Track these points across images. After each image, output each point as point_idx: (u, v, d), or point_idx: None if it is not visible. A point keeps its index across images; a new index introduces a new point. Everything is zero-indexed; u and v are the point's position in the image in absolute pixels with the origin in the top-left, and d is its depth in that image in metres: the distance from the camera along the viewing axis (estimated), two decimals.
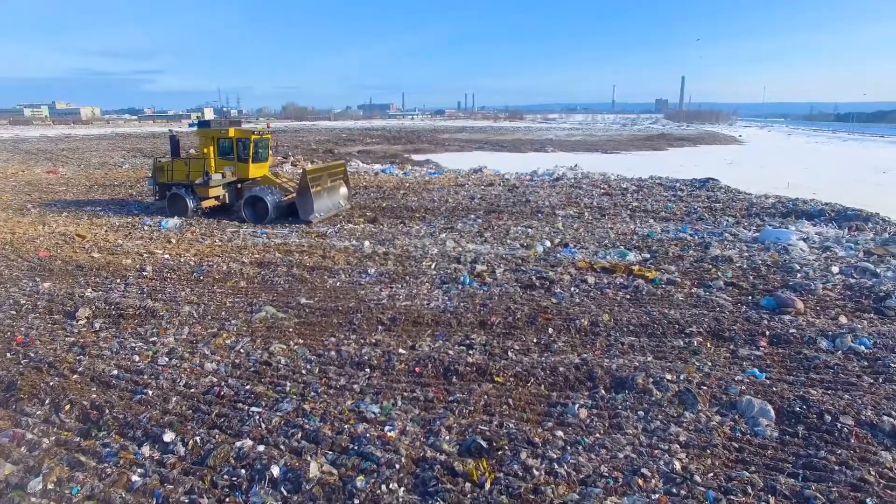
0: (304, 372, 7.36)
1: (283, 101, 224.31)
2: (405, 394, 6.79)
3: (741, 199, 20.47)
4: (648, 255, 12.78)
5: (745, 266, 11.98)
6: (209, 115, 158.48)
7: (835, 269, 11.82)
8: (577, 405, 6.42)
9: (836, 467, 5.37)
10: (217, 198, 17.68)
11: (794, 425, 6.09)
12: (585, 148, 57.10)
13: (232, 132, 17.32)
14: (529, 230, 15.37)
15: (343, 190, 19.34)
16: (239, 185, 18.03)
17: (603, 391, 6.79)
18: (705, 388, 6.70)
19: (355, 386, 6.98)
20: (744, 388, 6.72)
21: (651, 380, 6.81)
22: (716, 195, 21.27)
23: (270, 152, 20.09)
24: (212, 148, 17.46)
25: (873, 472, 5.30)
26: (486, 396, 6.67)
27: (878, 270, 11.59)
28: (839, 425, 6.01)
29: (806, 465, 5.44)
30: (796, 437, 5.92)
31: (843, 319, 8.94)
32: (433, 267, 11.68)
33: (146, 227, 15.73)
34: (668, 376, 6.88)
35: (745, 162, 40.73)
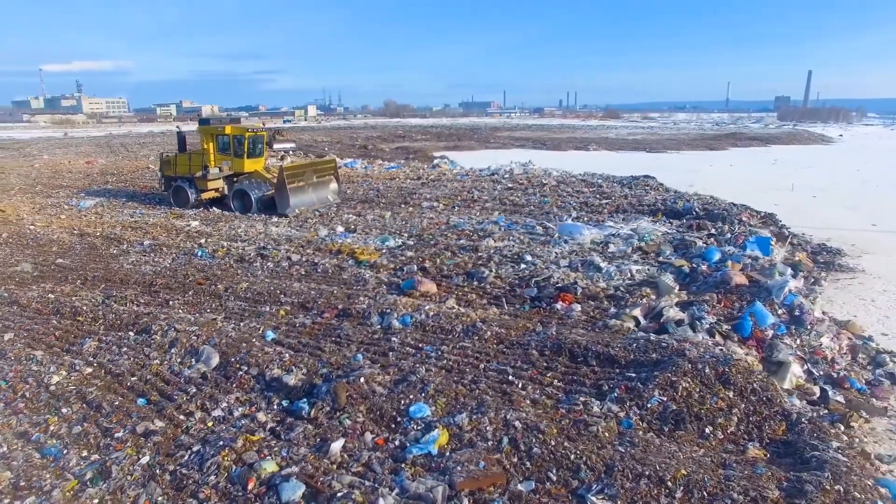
0: None
1: (384, 98, 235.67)
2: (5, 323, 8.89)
3: (639, 195, 19.80)
4: (412, 243, 13.60)
5: (484, 255, 12.41)
6: (312, 111, 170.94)
7: (564, 262, 11.91)
8: (91, 341, 8.10)
9: (193, 404, 6.56)
10: (216, 189, 18.97)
11: (217, 370, 7.27)
12: (633, 147, 55.37)
13: (228, 129, 18.53)
14: (354, 217, 16.76)
15: (333, 185, 20.01)
16: (235, 179, 19.03)
17: (133, 334, 8.37)
18: (197, 338, 8.00)
19: None
20: (229, 341, 7.89)
21: (166, 328, 8.26)
22: (614, 191, 20.78)
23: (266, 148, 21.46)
24: (211, 144, 18.64)
25: (224, 410, 6.43)
26: (47, 327, 8.57)
27: (602, 265, 11.51)
28: (246, 374, 7.10)
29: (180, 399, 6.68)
30: (205, 378, 7.14)
31: (450, 302, 9.47)
32: (204, 242, 13.64)
33: (64, 207, 19.30)
34: (178, 326, 8.30)
35: (790, 163, 38.10)
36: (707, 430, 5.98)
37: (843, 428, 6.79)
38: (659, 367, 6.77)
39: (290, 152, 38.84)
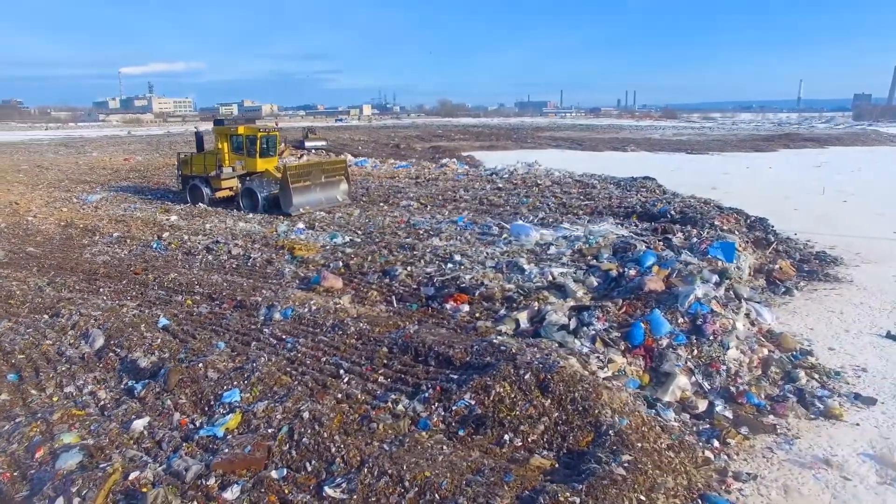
0: None
1: (439, 98, 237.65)
2: None
3: (625, 196, 19.26)
4: (359, 240, 13.97)
5: (418, 253, 12.59)
6: (367, 111, 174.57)
7: (490, 262, 11.91)
8: (8, 322, 9.00)
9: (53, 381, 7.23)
10: (230, 188, 19.48)
11: (98, 351, 7.93)
12: (674, 148, 53.37)
13: (241, 129, 18.96)
14: (324, 214, 17.30)
15: (343, 186, 19.94)
16: (248, 178, 19.39)
17: (46, 316, 9.23)
18: (95, 322, 8.70)
19: None
20: (120, 325, 8.54)
21: (73, 312, 9.02)
22: (603, 192, 20.28)
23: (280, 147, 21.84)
24: (225, 144, 19.16)
25: (77, 387, 7.06)
26: None
27: (526, 267, 11.42)
28: (116, 355, 7.71)
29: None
30: (82, 358, 7.83)
31: (345, 298, 9.76)
32: (165, 236, 14.57)
33: (73, 201, 20.92)
34: (83, 311, 9.08)
35: (839, 165, 35.79)
36: (506, 437, 5.96)
37: (717, 444, 6.62)
38: (486, 370, 6.77)
39: (312, 151, 40.10)
